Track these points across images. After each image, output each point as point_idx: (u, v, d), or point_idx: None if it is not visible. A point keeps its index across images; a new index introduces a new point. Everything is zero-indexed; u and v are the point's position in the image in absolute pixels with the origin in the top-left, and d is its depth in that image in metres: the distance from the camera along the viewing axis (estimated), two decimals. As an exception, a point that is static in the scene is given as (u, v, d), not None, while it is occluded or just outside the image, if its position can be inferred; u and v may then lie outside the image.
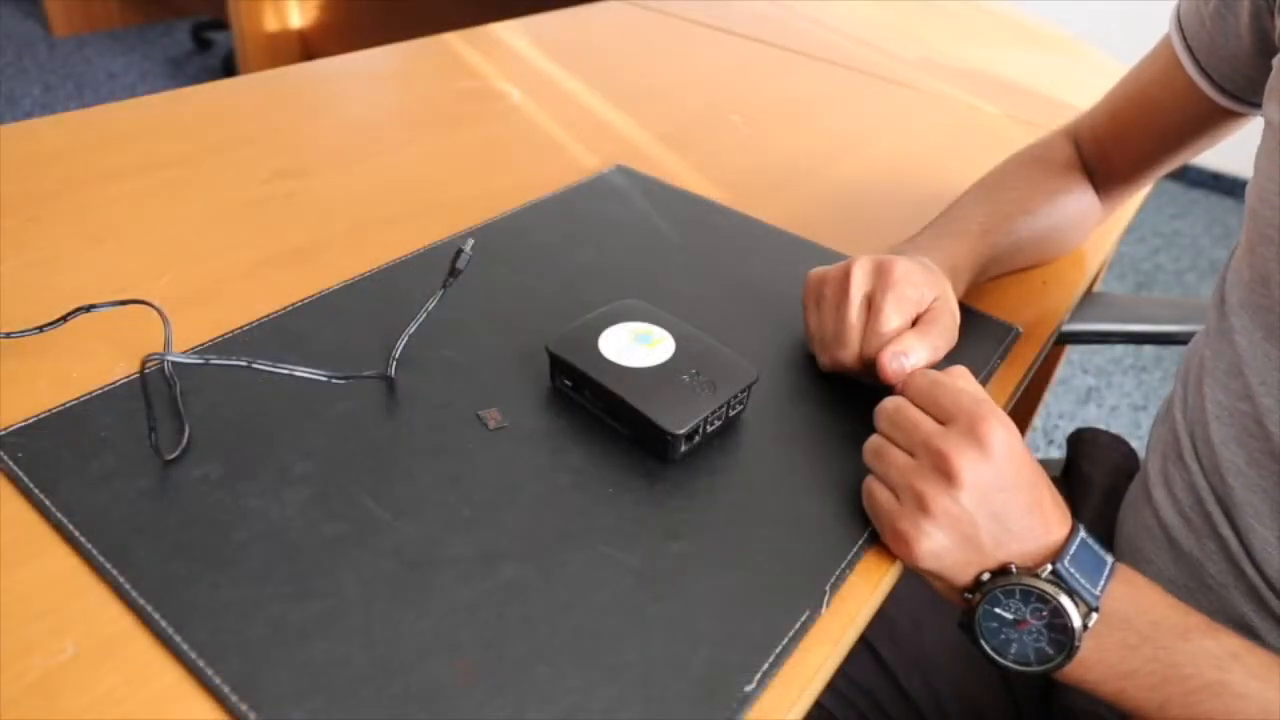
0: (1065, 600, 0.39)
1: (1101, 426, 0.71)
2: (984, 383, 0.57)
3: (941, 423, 0.42)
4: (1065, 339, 0.75)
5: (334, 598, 0.37)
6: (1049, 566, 0.40)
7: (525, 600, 0.38)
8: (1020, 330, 0.62)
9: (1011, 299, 0.66)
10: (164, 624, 0.36)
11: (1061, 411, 1.90)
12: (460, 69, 0.97)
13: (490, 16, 1.14)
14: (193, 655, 0.35)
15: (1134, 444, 0.70)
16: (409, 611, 0.37)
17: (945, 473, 0.40)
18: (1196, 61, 0.59)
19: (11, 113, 2.57)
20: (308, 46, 2.81)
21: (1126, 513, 0.61)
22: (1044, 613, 0.40)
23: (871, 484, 0.44)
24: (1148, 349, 2.11)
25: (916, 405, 0.43)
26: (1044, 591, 0.39)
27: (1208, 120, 0.62)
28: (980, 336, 0.61)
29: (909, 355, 0.48)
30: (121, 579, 0.37)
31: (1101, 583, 0.40)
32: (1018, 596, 0.40)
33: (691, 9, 1.26)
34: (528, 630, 0.37)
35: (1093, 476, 0.67)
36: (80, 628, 0.36)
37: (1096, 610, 0.39)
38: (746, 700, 0.36)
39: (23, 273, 0.55)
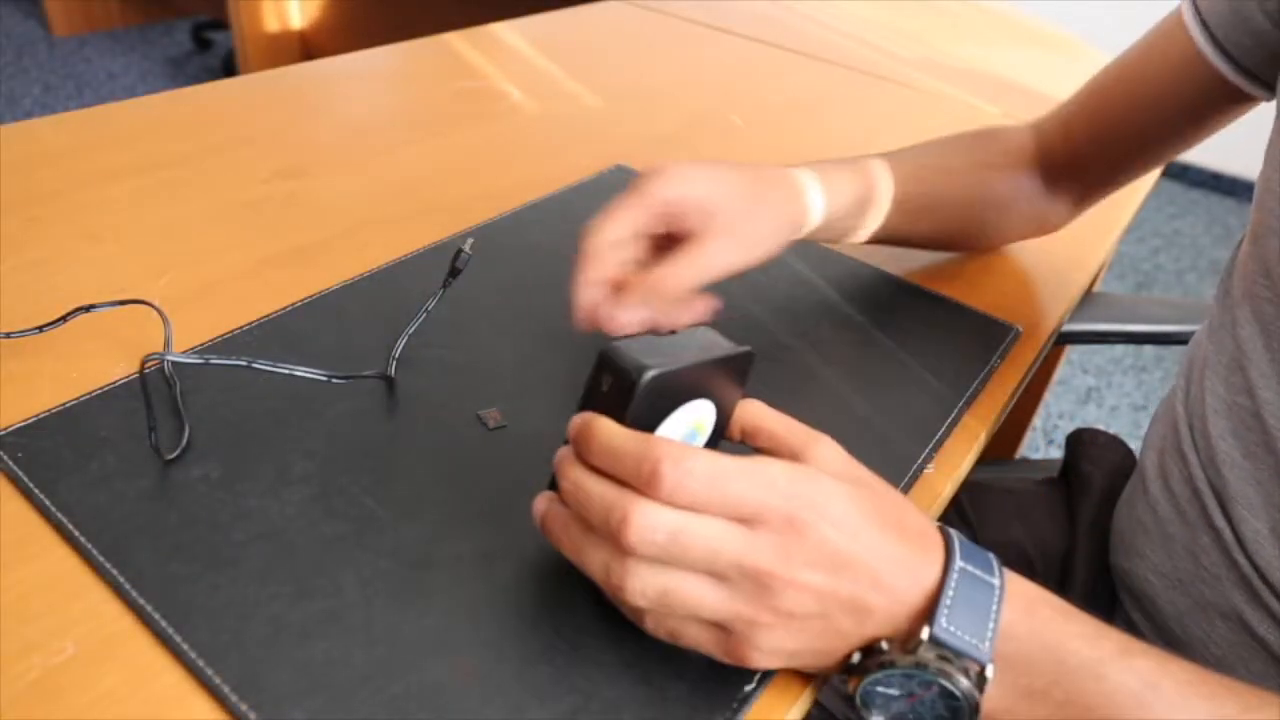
0: (951, 671, 0.33)
1: (1101, 426, 0.71)
2: (983, 383, 0.57)
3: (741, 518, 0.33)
4: (1065, 339, 0.75)
5: (334, 598, 0.37)
6: (926, 632, 0.33)
7: (525, 600, 0.38)
8: (1020, 330, 0.62)
9: (1011, 299, 0.66)
10: (164, 624, 0.36)
11: (1061, 411, 1.90)
12: (460, 69, 0.97)
13: (490, 16, 1.14)
14: (193, 655, 0.35)
15: (1133, 445, 0.70)
16: (409, 611, 0.37)
17: (770, 587, 0.32)
18: (1211, 35, 0.55)
19: (11, 113, 2.57)
20: (308, 46, 2.81)
21: (1121, 510, 0.61)
22: (932, 685, 0.33)
23: (669, 627, 0.34)
24: (1148, 349, 2.11)
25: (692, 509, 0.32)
26: (925, 669, 0.33)
27: (1210, 101, 0.57)
28: (980, 336, 0.61)
29: (619, 311, 0.42)
30: (121, 579, 0.37)
31: (991, 624, 0.34)
32: (898, 676, 0.34)
33: (691, 9, 1.26)
34: (528, 630, 0.37)
35: (1092, 477, 0.67)
36: (80, 628, 0.36)
37: (990, 663, 0.33)
38: (746, 700, 0.36)
39: (23, 273, 0.55)
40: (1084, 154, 0.64)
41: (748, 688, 0.36)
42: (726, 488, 0.32)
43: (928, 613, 0.33)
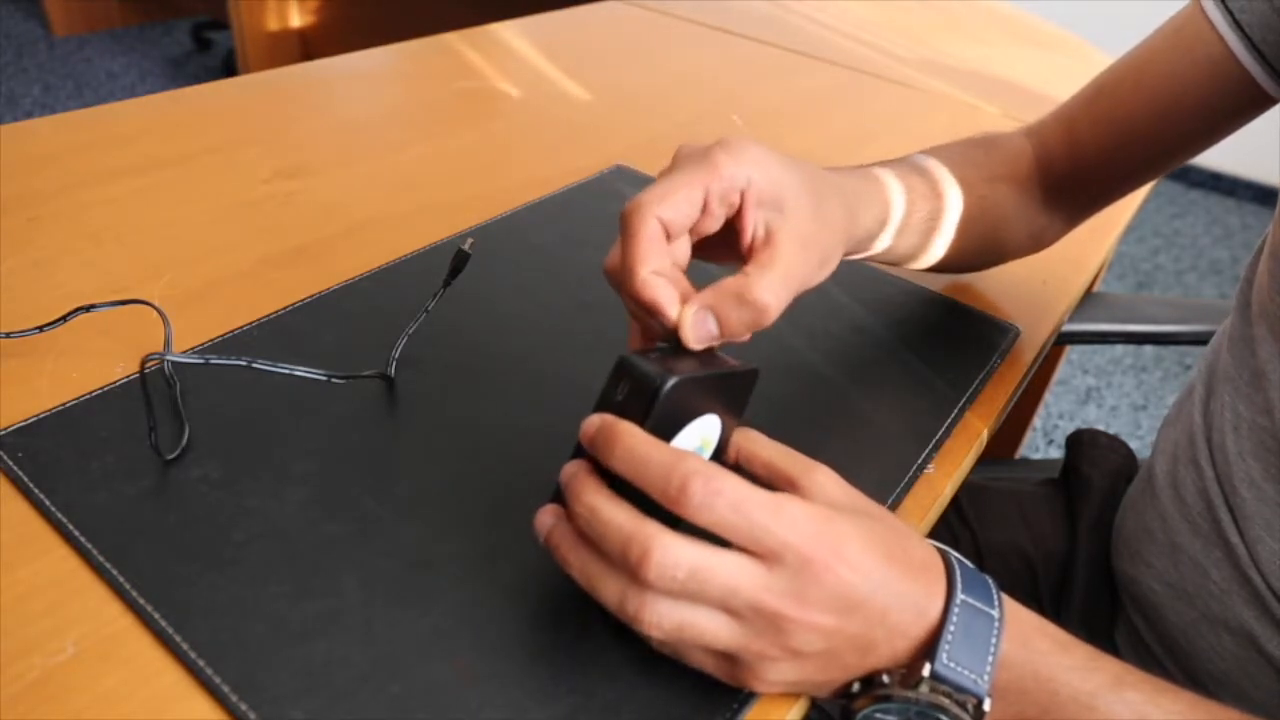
0: (949, 705, 0.33)
1: (1101, 427, 0.71)
2: (983, 383, 0.57)
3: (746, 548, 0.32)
4: (1065, 339, 0.75)
5: (334, 598, 0.37)
6: (927, 668, 0.33)
7: (526, 600, 0.38)
8: (1020, 330, 0.62)
9: (1011, 299, 0.66)
10: (164, 624, 0.36)
11: (1061, 411, 1.90)
12: (460, 69, 0.97)
13: (490, 16, 1.14)
14: (193, 655, 0.35)
15: (1134, 445, 0.70)
16: (409, 611, 0.37)
17: (783, 628, 0.32)
18: (1245, 34, 0.50)
19: (11, 113, 2.57)
20: (308, 46, 2.81)
21: (1127, 515, 0.61)
22: (930, 717, 0.34)
23: (676, 650, 0.35)
24: (1148, 349, 2.11)
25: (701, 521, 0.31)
26: (924, 705, 0.33)
27: (1233, 103, 0.53)
28: (980, 336, 0.61)
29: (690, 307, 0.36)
30: (121, 579, 0.37)
31: (990, 658, 0.34)
32: (895, 710, 0.34)
33: (691, 9, 1.26)
34: (528, 630, 0.37)
35: (1092, 478, 0.67)
36: (80, 628, 0.36)
37: (988, 697, 0.34)
38: (746, 701, 0.36)
39: (23, 273, 0.55)
40: (1088, 161, 0.59)
41: (747, 690, 0.36)
42: (751, 516, 0.31)
43: (929, 646, 0.34)
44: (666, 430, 0.35)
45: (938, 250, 0.55)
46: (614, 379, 0.35)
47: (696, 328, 0.36)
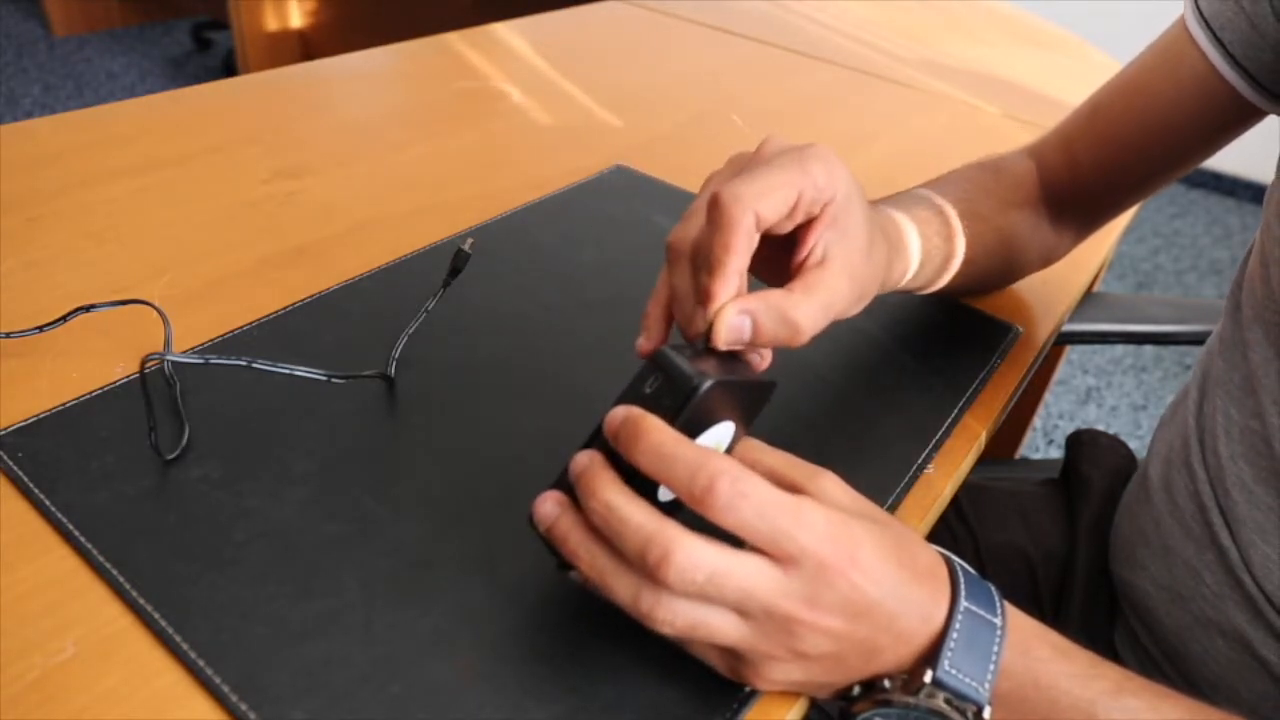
0: (949, 713, 0.33)
1: (1101, 427, 0.71)
2: (983, 383, 0.57)
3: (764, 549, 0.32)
4: (1065, 339, 0.75)
5: (334, 598, 0.37)
6: (929, 675, 0.33)
7: (525, 600, 0.38)
8: (1020, 330, 0.62)
9: (1011, 299, 0.66)
10: (164, 624, 0.36)
11: (1061, 411, 1.90)
12: (460, 69, 0.97)
13: (490, 16, 1.14)
14: (193, 655, 0.35)
15: (1133, 445, 0.70)
16: (409, 611, 0.37)
17: (793, 631, 0.32)
18: (1227, 51, 0.51)
19: (11, 113, 2.57)
20: (308, 46, 2.81)
21: (1123, 516, 0.61)
22: None
23: (682, 643, 0.35)
24: (1148, 349, 2.11)
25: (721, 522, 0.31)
26: (924, 710, 0.33)
27: (1225, 118, 0.54)
28: (980, 336, 0.61)
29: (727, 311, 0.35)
30: (121, 579, 0.37)
31: (992, 666, 0.34)
32: (894, 714, 0.34)
33: (691, 9, 1.26)
34: (528, 630, 0.37)
35: (1092, 479, 0.67)
36: (80, 628, 0.36)
37: (989, 704, 0.34)
38: (746, 701, 0.36)
39: (23, 273, 0.55)
40: (1089, 180, 0.60)
41: (747, 689, 0.36)
42: (775, 520, 0.31)
43: (931, 653, 0.34)
44: (692, 430, 0.34)
45: (952, 282, 0.55)
46: (645, 372, 0.34)
47: (731, 329, 0.36)
